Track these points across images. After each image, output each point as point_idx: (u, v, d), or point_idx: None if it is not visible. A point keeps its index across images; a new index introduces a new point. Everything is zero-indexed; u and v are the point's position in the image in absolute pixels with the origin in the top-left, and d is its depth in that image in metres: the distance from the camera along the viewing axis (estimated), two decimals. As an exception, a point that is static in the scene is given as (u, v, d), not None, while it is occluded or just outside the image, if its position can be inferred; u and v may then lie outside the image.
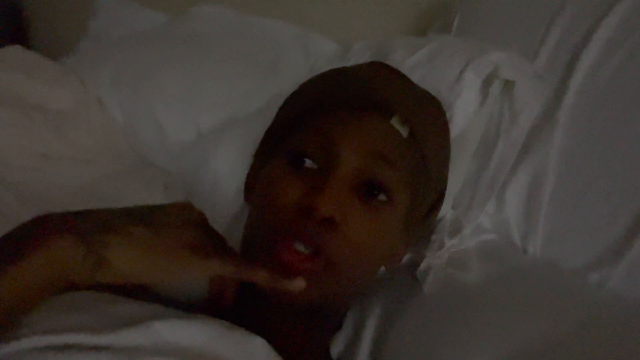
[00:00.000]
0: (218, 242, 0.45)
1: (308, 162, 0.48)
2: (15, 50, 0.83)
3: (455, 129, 0.64)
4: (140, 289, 0.53)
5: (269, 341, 0.44)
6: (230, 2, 1.10)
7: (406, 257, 0.65)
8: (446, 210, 0.68)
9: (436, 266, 0.61)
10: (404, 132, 0.50)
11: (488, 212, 0.68)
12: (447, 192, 0.63)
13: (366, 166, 0.47)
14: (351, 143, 0.47)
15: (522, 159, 0.65)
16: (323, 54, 0.94)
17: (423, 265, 0.61)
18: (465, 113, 0.64)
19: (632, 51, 0.61)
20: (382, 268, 0.63)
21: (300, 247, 0.45)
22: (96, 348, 0.37)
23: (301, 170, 0.48)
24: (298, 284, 0.42)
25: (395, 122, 0.50)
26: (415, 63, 0.69)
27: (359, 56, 0.82)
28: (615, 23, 0.62)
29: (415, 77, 0.67)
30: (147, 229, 0.40)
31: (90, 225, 0.38)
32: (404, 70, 0.69)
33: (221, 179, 0.71)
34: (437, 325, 0.56)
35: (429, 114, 0.56)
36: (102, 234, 0.38)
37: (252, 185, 0.57)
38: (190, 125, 0.81)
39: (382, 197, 0.48)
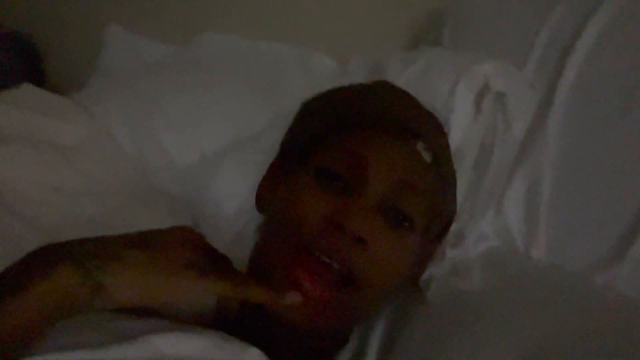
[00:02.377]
0: (218, 261, 0.46)
1: (335, 178, 0.49)
2: (26, 89, 0.87)
3: (452, 144, 0.65)
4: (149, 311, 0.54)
5: (273, 354, 0.45)
6: (233, 28, 1.14)
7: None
8: (449, 223, 0.69)
9: (439, 275, 0.61)
10: (427, 157, 0.52)
11: (489, 220, 0.68)
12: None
13: (394, 194, 0.49)
14: (381, 167, 0.49)
15: (518, 165, 0.65)
16: (322, 72, 0.96)
17: (426, 275, 0.61)
18: (460, 127, 0.66)
19: (621, 50, 0.61)
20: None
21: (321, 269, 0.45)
22: None
23: (328, 184, 0.49)
24: (293, 298, 0.43)
25: (420, 147, 0.52)
26: (409, 79, 0.71)
27: (356, 73, 0.84)
28: (602, 24, 0.63)
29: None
30: (142, 252, 0.41)
31: (86, 252, 0.39)
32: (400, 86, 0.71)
33: (223, 200, 0.73)
34: (441, 335, 0.56)
35: (442, 137, 0.58)
36: (98, 259, 0.39)
37: (266, 195, 0.59)
38: (195, 149, 0.84)
39: (405, 223, 0.50)
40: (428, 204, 0.52)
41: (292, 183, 0.52)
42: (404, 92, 0.59)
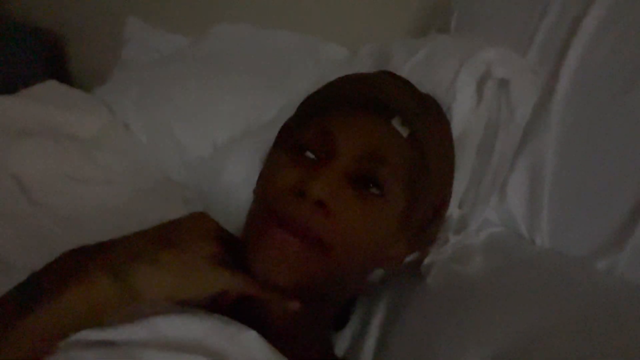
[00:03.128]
0: (235, 247, 0.49)
1: (308, 153, 0.51)
2: (50, 85, 0.91)
3: (455, 131, 0.65)
4: None
5: (266, 334, 0.46)
6: (246, 18, 1.15)
7: (411, 255, 0.67)
8: (453, 210, 0.69)
9: (440, 261, 0.62)
10: (404, 132, 0.52)
11: (492, 206, 0.68)
12: (453, 192, 0.65)
13: (361, 162, 0.49)
14: (349, 137, 0.49)
15: (520, 151, 0.65)
16: (333, 61, 0.97)
17: (427, 260, 0.62)
18: (463, 114, 0.65)
19: (622, 35, 0.60)
20: (382, 271, 0.65)
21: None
22: (100, 343, 0.41)
23: (301, 159, 0.50)
24: (292, 305, 0.46)
25: (395, 122, 0.52)
26: (413, 66, 0.71)
27: (363, 61, 0.85)
28: (605, 8, 0.62)
29: (413, 81, 0.68)
30: (172, 251, 0.43)
31: (120, 259, 0.42)
32: (404, 74, 0.71)
33: (234, 189, 0.75)
34: (439, 318, 0.57)
35: (431, 118, 0.57)
36: (132, 265, 0.42)
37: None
38: (207, 139, 0.86)
39: (374, 190, 0.50)
40: (404, 177, 0.51)
41: (270, 160, 0.54)
42: (399, 79, 0.59)
